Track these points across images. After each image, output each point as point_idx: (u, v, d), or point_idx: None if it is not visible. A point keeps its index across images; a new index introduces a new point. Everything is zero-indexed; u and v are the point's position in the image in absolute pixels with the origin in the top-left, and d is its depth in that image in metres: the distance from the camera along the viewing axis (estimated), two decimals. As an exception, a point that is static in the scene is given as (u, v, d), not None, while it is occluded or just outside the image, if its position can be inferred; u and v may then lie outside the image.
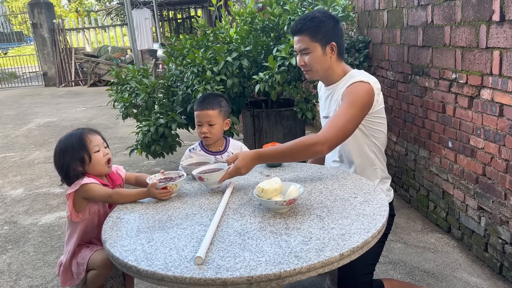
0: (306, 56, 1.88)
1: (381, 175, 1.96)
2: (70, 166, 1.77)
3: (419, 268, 2.47)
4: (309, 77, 1.99)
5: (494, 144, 2.26)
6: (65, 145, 1.79)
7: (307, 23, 1.85)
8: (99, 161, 1.79)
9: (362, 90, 1.79)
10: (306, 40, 1.86)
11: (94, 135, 1.82)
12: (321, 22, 1.85)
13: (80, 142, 1.77)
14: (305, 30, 1.85)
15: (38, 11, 12.63)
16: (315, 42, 1.85)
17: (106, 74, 12.00)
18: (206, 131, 2.08)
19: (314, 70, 1.91)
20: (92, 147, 1.78)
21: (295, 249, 1.22)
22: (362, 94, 1.78)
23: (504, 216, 2.25)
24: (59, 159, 1.79)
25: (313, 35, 1.85)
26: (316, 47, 1.85)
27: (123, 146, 5.46)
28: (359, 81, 1.81)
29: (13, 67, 16.10)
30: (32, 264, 2.80)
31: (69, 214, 1.80)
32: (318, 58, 1.87)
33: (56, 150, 1.81)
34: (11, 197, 4.11)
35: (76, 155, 1.76)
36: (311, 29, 1.85)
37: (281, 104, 3.93)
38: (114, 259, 1.30)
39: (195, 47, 3.73)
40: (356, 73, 1.90)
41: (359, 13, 3.84)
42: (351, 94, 1.79)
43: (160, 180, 1.73)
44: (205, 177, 1.68)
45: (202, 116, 2.09)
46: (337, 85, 1.92)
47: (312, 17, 1.86)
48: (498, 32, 2.13)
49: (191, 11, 16.03)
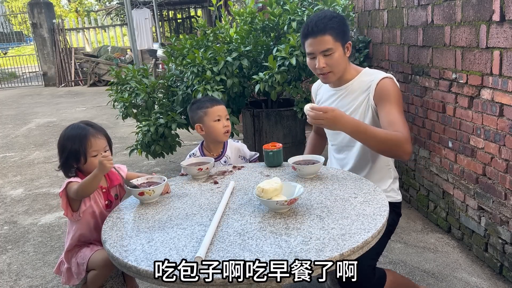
0: (328, 57, 1.81)
1: (393, 174, 1.97)
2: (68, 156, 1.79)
3: (419, 268, 2.47)
4: (327, 80, 1.91)
5: (494, 144, 2.26)
6: (69, 135, 1.81)
7: (328, 22, 1.78)
8: (94, 165, 1.78)
9: (394, 85, 1.82)
10: (329, 40, 1.79)
11: (97, 140, 1.80)
12: (340, 21, 1.81)
13: (81, 143, 1.77)
14: (328, 30, 1.78)
15: (38, 11, 12.63)
16: (338, 42, 1.80)
17: (106, 74, 12.00)
18: (228, 125, 2.11)
19: (335, 72, 1.85)
20: (90, 151, 1.78)
21: (295, 249, 1.22)
22: (397, 90, 1.82)
23: (504, 216, 2.25)
24: (61, 144, 1.82)
25: (336, 35, 1.79)
26: (338, 47, 1.81)
27: (123, 146, 5.46)
28: (385, 77, 1.82)
29: (13, 67, 16.10)
30: (32, 264, 2.80)
31: (64, 213, 1.81)
32: (341, 58, 1.83)
33: (61, 135, 1.83)
34: (11, 197, 4.11)
35: (73, 152, 1.78)
36: (334, 29, 1.79)
37: (281, 104, 3.93)
38: (114, 259, 1.30)
39: (195, 47, 3.72)
40: (371, 71, 1.90)
41: (359, 13, 3.84)
42: (389, 92, 1.79)
43: (142, 185, 1.70)
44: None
45: (223, 110, 2.12)
46: (352, 83, 1.90)
47: (332, 16, 1.80)
48: (498, 32, 2.12)
49: (191, 11, 16.03)
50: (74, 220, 1.82)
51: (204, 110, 2.10)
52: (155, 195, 1.65)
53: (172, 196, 1.71)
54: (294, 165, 1.79)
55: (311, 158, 1.87)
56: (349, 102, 1.91)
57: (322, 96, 2.07)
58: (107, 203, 1.86)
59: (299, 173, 1.80)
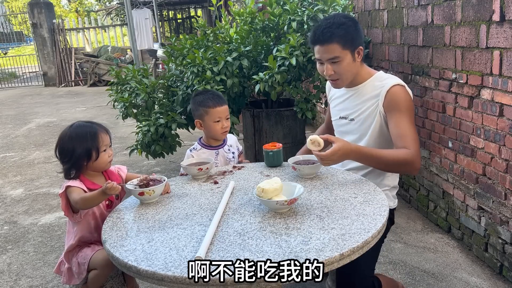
0: (335, 64, 1.79)
1: (392, 183, 1.96)
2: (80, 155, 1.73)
3: (419, 268, 2.47)
4: (336, 86, 1.90)
5: (494, 144, 2.26)
6: (77, 135, 1.76)
7: (335, 30, 1.75)
8: (104, 160, 1.79)
9: (405, 94, 1.79)
10: (336, 48, 1.76)
11: (105, 135, 1.81)
12: (349, 28, 1.77)
13: (93, 138, 1.75)
14: (335, 38, 1.75)
15: (38, 11, 12.63)
16: (346, 50, 1.77)
17: (106, 74, 12.00)
18: (227, 125, 2.12)
19: (344, 79, 1.84)
20: (101, 146, 1.78)
21: (295, 249, 1.22)
22: (408, 99, 1.79)
23: (504, 216, 2.25)
24: (68, 146, 1.75)
25: (344, 43, 1.76)
26: (346, 54, 1.78)
27: (123, 146, 5.46)
28: (396, 84, 1.79)
29: (13, 67, 16.10)
30: (32, 264, 2.80)
31: (65, 213, 1.81)
32: (349, 65, 1.81)
33: (65, 137, 1.77)
34: (11, 197, 4.11)
35: (85, 149, 1.74)
36: (341, 37, 1.75)
37: (281, 104, 3.93)
38: (114, 259, 1.30)
39: (195, 47, 3.72)
40: (384, 75, 1.88)
41: (359, 13, 3.84)
42: (399, 101, 1.77)
43: (142, 185, 1.68)
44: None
45: (223, 112, 2.11)
46: (363, 85, 1.89)
47: (339, 24, 1.77)
48: (498, 32, 2.12)
49: (191, 11, 16.03)
50: (75, 221, 1.82)
51: (206, 109, 2.10)
52: (155, 195, 1.65)
53: (172, 196, 1.71)
54: (294, 165, 1.79)
55: (311, 158, 1.86)
56: (358, 104, 1.89)
57: (335, 92, 2.06)
58: (107, 203, 1.86)
59: (299, 173, 1.80)
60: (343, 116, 1.97)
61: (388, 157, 1.70)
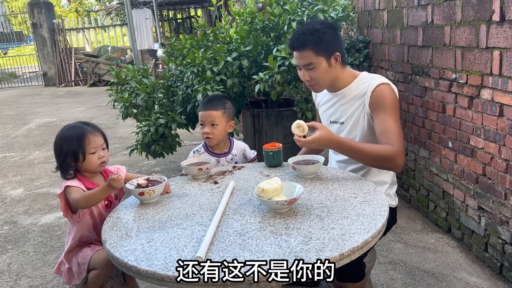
0: (311, 71, 1.82)
1: (391, 179, 1.97)
2: (66, 156, 1.78)
3: (419, 268, 2.47)
4: (315, 91, 1.93)
5: (494, 144, 2.26)
6: (65, 136, 1.80)
7: (309, 37, 1.77)
8: (92, 162, 1.79)
9: (390, 92, 1.80)
10: (310, 55, 1.78)
11: (95, 136, 1.81)
12: (323, 34, 1.78)
13: (79, 140, 1.77)
14: (308, 45, 1.77)
15: (38, 11, 12.63)
16: (320, 56, 1.79)
17: (106, 74, 12.01)
18: (208, 132, 2.09)
19: (321, 84, 1.86)
20: (89, 148, 1.78)
21: (295, 249, 1.22)
22: (393, 96, 1.80)
23: (504, 216, 2.25)
24: (58, 146, 1.81)
25: (317, 50, 1.77)
26: (321, 61, 1.79)
27: (123, 146, 5.46)
28: (381, 83, 1.80)
29: (13, 67, 16.10)
30: (32, 264, 2.80)
31: (64, 214, 1.81)
32: (325, 71, 1.82)
33: (57, 137, 1.83)
34: (11, 197, 4.11)
35: (71, 150, 1.77)
36: (314, 44, 1.77)
37: (281, 104, 3.93)
38: (114, 259, 1.30)
39: (195, 47, 3.72)
40: (368, 76, 1.88)
41: (359, 13, 3.84)
42: (384, 100, 1.77)
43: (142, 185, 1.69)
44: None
45: (205, 116, 2.09)
46: (348, 88, 1.90)
47: (313, 30, 1.78)
48: (498, 32, 2.12)
49: (191, 11, 16.03)
50: (74, 221, 1.82)
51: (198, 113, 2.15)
52: (155, 195, 1.65)
53: (172, 196, 1.71)
54: (294, 165, 1.79)
55: (311, 158, 1.87)
56: (346, 107, 1.91)
57: (321, 98, 2.08)
58: (106, 204, 1.86)
59: (299, 173, 1.80)
60: (333, 120, 1.99)
61: (370, 151, 1.72)
